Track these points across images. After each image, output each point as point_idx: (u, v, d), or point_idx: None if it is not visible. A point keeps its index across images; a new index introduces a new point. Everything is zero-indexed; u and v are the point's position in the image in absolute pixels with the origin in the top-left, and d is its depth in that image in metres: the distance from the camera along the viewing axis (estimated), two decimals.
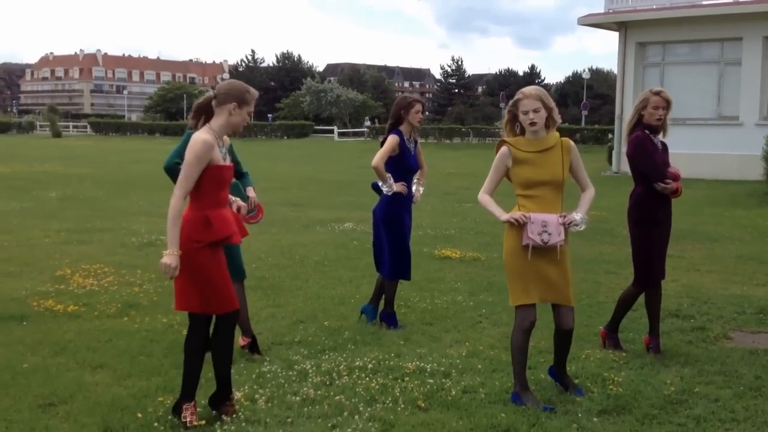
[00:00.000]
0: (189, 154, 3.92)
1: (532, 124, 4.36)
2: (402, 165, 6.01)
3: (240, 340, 5.30)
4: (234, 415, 4.13)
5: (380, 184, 6.00)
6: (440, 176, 21.70)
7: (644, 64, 23.45)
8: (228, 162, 4.16)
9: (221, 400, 4.18)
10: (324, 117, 66.95)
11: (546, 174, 4.42)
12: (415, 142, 6.15)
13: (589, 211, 4.57)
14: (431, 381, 4.77)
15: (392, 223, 6.04)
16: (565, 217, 4.40)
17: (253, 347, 5.33)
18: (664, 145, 5.43)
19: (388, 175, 5.95)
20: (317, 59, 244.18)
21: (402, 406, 4.37)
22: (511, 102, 4.49)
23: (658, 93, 5.27)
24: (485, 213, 4.76)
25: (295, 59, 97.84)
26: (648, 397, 4.54)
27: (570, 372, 4.98)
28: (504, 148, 4.52)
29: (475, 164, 29.03)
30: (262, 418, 4.15)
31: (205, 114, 4.13)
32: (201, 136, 3.97)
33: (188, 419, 4.00)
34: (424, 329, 6.04)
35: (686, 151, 20.36)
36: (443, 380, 4.81)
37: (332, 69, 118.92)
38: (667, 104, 5.24)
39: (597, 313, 6.42)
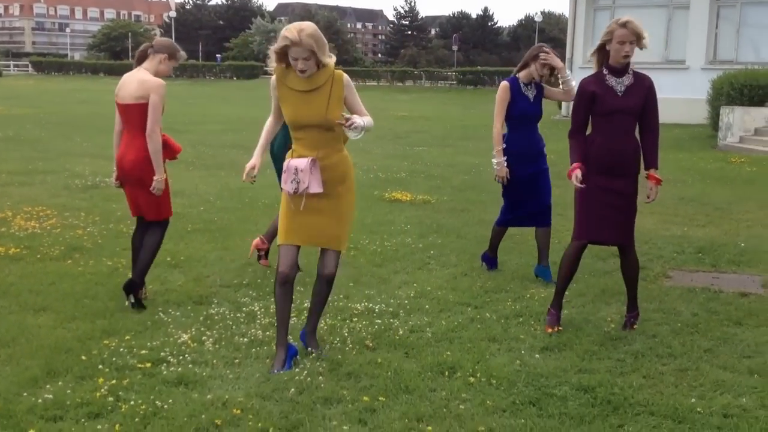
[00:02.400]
0: (159, 97, 4.87)
1: (302, 71, 3.98)
2: (514, 113, 5.75)
3: (257, 240, 6.10)
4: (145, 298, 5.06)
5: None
6: (392, 120, 21.62)
7: (595, 7, 23.48)
8: None
9: (139, 285, 5.04)
10: None
11: (310, 115, 4.03)
12: (538, 91, 5.83)
13: (367, 127, 4.12)
14: (379, 321, 4.83)
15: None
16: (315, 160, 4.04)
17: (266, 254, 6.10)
18: (631, 87, 4.63)
19: (498, 149, 5.80)
20: None
21: (350, 346, 4.42)
22: (281, 39, 4.02)
23: (624, 24, 4.49)
24: (437, 156, 4.71)
25: None
26: (589, 333, 4.67)
27: (514, 310, 5.11)
28: (273, 78, 4.16)
29: (427, 108, 28.99)
30: (209, 360, 4.15)
31: (140, 61, 5.09)
32: (158, 79, 4.96)
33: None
34: (374, 271, 6.08)
35: (674, 95, 20.66)
36: (391, 320, 4.87)
37: (283, 8, 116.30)
38: (636, 38, 4.51)
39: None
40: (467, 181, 11.06)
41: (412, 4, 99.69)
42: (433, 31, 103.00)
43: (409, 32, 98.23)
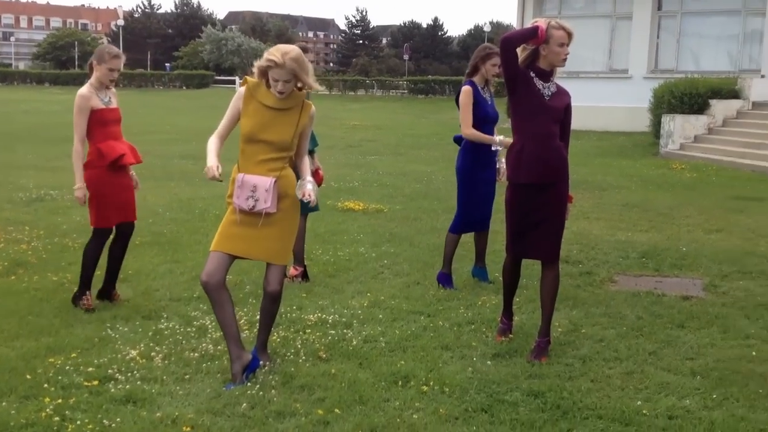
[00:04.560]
0: (76, 108, 5.07)
1: (281, 93, 3.97)
2: (478, 116, 5.74)
3: (291, 270, 5.98)
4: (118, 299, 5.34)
5: (493, 147, 5.71)
6: (344, 129, 21.66)
7: (542, 17, 23.87)
8: (112, 105, 5.24)
9: (109, 290, 5.41)
10: (225, 67, 65.19)
11: (273, 133, 4.03)
12: (491, 94, 5.91)
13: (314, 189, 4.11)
14: (333, 332, 4.83)
15: (466, 177, 5.87)
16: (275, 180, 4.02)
17: (304, 275, 6.05)
18: (555, 94, 4.49)
19: (491, 137, 5.72)
20: (218, 6, 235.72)
21: (303, 357, 4.41)
22: (265, 59, 3.96)
23: (562, 27, 4.38)
24: (389, 165, 4.73)
25: (195, 6, 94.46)
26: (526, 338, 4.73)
27: (466, 318, 5.16)
28: (242, 88, 4.12)
29: (379, 116, 29.08)
30: (159, 376, 4.09)
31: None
32: (79, 91, 5.12)
33: (86, 304, 5.22)
34: (327, 281, 6.08)
35: (579, 103, 20.89)
36: (345, 331, 4.88)
37: (234, 17, 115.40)
38: (569, 39, 4.42)
39: (493, 261, 6.60)
40: (419, 189, 11.14)
41: (364, 13, 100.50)
42: (384, 41, 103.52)
43: (361, 41, 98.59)
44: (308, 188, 4.05)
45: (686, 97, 16.79)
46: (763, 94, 17.06)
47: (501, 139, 5.64)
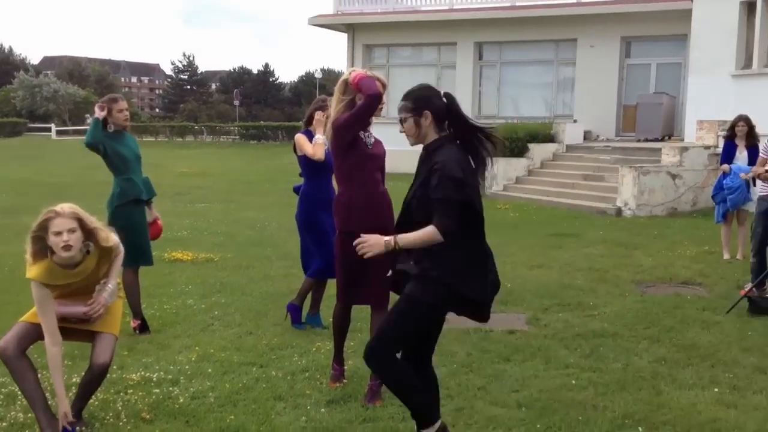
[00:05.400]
0: None
1: (66, 247, 3.76)
2: (315, 164, 5.69)
3: (131, 322, 5.86)
4: None
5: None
6: (172, 176, 20.98)
7: (371, 66, 24.63)
8: None
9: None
10: (40, 114, 61.54)
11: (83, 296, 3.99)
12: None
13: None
14: (157, 390, 4.57)
15: (312, 223, 5.79)
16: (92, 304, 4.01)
17: (144, 327, 5.89)
18: (375, 143, 4.69)
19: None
20: (32, 51, 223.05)
21: (124, 420, 4.13)
22: (38, 224, 3.78)
23: (377, 78, 4.54)
24: (220, 212, 4.59)
25: (6, 51, 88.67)
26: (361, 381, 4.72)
27: (300, 366, 5.07)
28: (34, 285, 3.84)
29: (209, 163, 28.50)
30: None
31: None
32: None
33: None
34: (152, 337, 5.77)
35: (411, 148, 21.78)
36: (171, 388, 4.63)
37: (49, 62, 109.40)
38: (384, 89, 4.58)
39: (327, 306, 6.57)
40: (252, 236, 10.95)
41: (191, 58, 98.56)
42: (213, 86, 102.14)
43: (189, 86, 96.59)
44: (101, 297, 3.98)
45: (507, 141, 17.83)
46: (576, 137, 18.52)
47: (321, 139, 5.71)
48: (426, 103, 3.54)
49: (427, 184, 3.46)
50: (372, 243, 3.52)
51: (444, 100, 3.57)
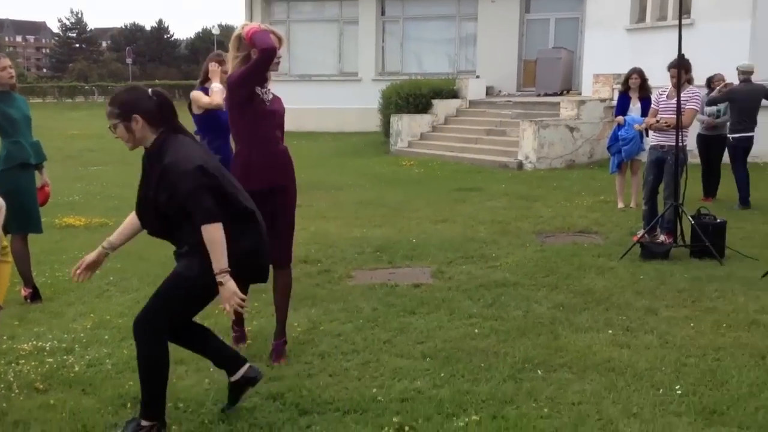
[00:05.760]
0: None
1: None
2: (212, 123, 5.61)
3: (22, 291, 5.66)
4: None
5: None
6: (62, 139, 20.05)
7: (270, 21, 24.04)
8: None
9: None
10: None
11: None
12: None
13: None
14: (51, 360, 4.38)
15: None
16: None
17: (35, 296, 5.67)
18: (273, 100, 4.48)
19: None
20: None
21: (17, 391, 3.95)
22: None
23: (272, 32, 4.33)
24: (114, 175, 4.39)
25: None
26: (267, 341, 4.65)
27: None
28: None
29: (102, 124, 27.26)
30: None
31: None
32: None
33: None
34: (44, 306, 5.52)
35: (313, 106, 21.60)
36: (65, 357, 4.45)
37: None
38: (280, 44, 4.36)
39: None
40: None
41: (79, 15, 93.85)
42: (104, 44, 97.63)
43: (78, 45, 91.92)
44: None
45: (411, 97, 17.88)
46: (479, 93, 18.73)
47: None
48: (133, 107, 3.35)
49: (164, 190, 3.33)
50: (228, 297, 3.35)
51: (154, 98, 3.39)
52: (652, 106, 7.72)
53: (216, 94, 5.54)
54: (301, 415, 3.67)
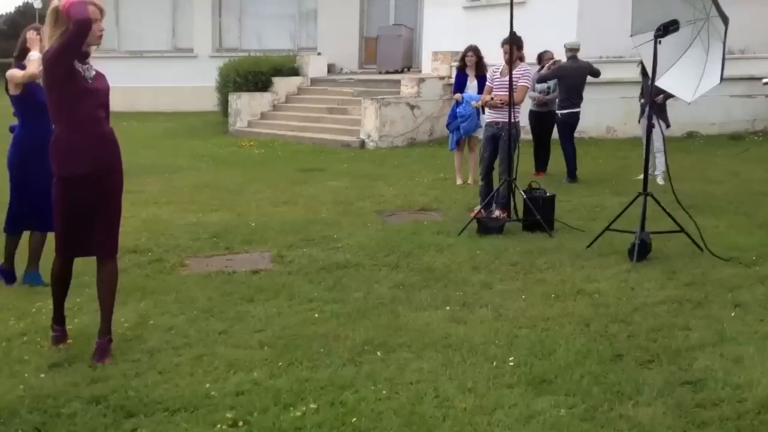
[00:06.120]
0: None
1: None
2: (31, 103, 5.19)
3: None
4: None
5: None
6: None
7: None
8: None
9: None
10: None
11: None
12: None
13: None
14: None
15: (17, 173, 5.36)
16: None
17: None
18: (96, 77, 4.15)
19: None
20: None
21: None
22: None
23: (92, 2, 4.00)
24: None
25: None
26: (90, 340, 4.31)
27: (18, 329, 4.55)
28: None
29: None
30: None
31: None
32: None
33: None
34: None
35: (145, 84, 20.54)
36: None
37: None
38: (102, 14, 4.10)
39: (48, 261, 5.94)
40: None
41: None
42: None
43: None
44: None
45: (251, 75, 17.37)
46: (320, 71, 18.51)
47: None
48: None
49: None
50: None
51: None
52: (487, 83, 7.90)
53: (33, 63, 5.04)
54: (126, 418, 3.43)
